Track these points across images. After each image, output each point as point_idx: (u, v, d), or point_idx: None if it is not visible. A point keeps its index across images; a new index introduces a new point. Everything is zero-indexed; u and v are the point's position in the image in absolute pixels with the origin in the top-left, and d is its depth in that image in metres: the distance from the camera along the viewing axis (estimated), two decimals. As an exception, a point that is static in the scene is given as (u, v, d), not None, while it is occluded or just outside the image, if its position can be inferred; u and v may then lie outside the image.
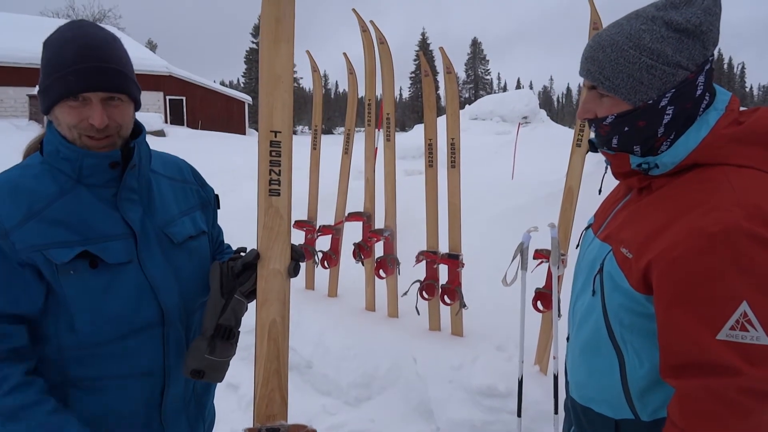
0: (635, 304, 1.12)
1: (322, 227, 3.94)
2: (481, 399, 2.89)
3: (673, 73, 1.07)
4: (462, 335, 3.38)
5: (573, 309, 1.36)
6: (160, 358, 1.36)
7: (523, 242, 2.60)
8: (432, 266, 3.33)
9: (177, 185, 1.49)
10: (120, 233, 1.30)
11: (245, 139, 20.33)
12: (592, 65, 1.14)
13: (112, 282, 1.27)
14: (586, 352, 1.27)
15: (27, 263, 1.21)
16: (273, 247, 1.33)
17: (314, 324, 3.68)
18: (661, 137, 1.13)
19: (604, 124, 1.16)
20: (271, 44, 1.32)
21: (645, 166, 1.14)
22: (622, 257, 1.14)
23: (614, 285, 1.15)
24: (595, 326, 1.22)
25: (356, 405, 3.25)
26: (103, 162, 1.28)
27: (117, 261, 1.28)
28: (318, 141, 4.11)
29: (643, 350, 1.14)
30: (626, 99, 1.11)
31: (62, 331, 1.26)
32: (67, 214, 1.25)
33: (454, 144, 3.22)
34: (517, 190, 7.60)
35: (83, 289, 1.24)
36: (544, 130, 17.15)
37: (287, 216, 1.34)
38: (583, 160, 2.93)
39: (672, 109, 1.09)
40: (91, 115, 1.23)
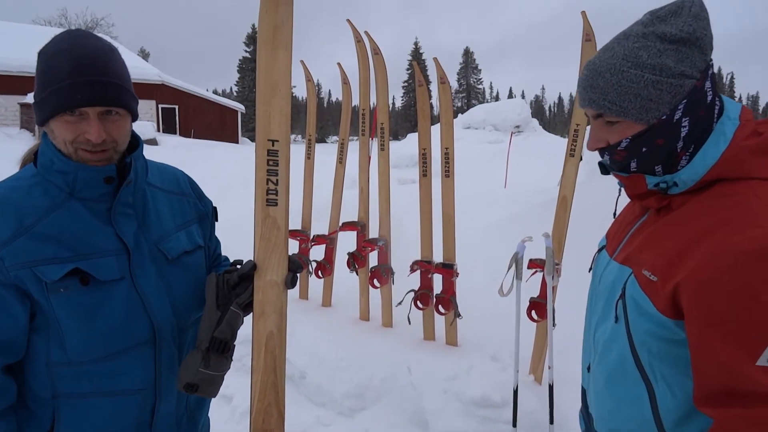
0: (664, 330, 1.06)
1: (316, 237, 3.93)
2: (475, 409, 2.88)
3: (680, 84, 1.05)
4: (456, 345, 3.37)
5: (593, 337, 1.29)
6: (152, 376, 1.34)
7: (518, 252, 2.60)
8: (426, 276, 3.33)
9: (174, 198, 1.47)
10: (113, 249, 1.27)
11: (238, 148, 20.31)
12: (594, 93, 1.10)
13: (104, 300, 1.24)
14: (611, 383, 1.20)
15: (12, 284, 1.18)
16: (270, 258, 1.31)
17: (308, 334, 3.66)
18: (681, 151, 1.08)
19: (620, 149, 1.11)
20: (269, 51, 1.30)
21: (663, 185, 1.10)
22: (645, 280, 1.08)
23: (639, 310, 1.09)
24: (619, 355, 1.16)
25: (350, 416, 3.23)
26: (97, 176, 1.26)
27: (109, 278, 1.25)
28: (312, 150, 4.11)
29: (674, 379, 1.08)
30: (638, 120, 1.07)
31: (51, 347, 1.24)
32: (59, 229, 1.22)
33: (448, 153, 3.23)
34: (511, 199, 7.63)
35: (74, 307, 1.22)
36: (537, 139, 17.27)
37: (284, 226, 1.31)
38: (577, 169, 2.94)
39: (687, 121, 1.06)
40: (87, 130, 1.22)
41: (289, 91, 1.36)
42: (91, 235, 1.25)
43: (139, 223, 1.34)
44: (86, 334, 1.23)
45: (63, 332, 1.22)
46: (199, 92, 29.65)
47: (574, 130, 2.95)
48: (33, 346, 1.25)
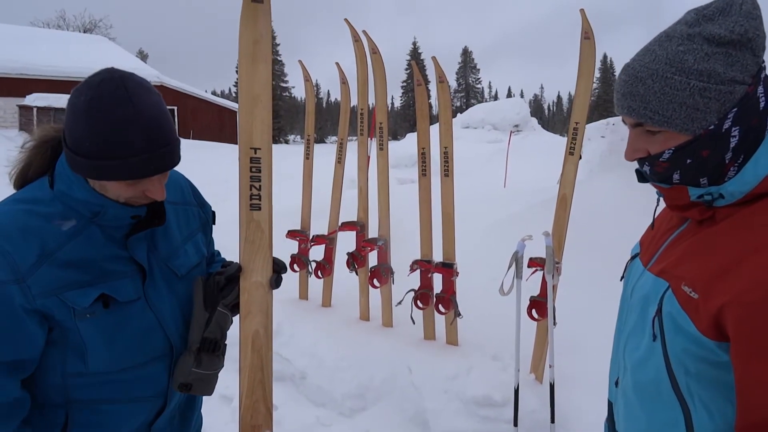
0: (704, 351, 0.98)
1: (316, 237, 3.92)
2: (476, 409, 2.87)
3: (730, 90, 0.96)
4: (457, 344, 3.36)
5: (624, 350, 1.21)
6: (165, 385, 1.40)
7: (518, 251, 2.60)
8: (426, 275, 3.32)
9: (179, 209, 1.48)
10: (128, 270, 1.30)
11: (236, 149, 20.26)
12: (633, 101, 1.01)
13: (124, 320, 1.28)
14: (644, 403, 1.13)
15: (35, 309, 1.18)
16: (255, 260, 1.38)
17: (308, 334, 3.65)
18: (729, 163, 1.00)
19: (661, 161, 1.03)
20: (249, 65, 1.38)
21: (708, 197, 1.01)
22: (684, 297, 1.00)
23: (677, 328, 1.01)
24: (655, 374, 1.08)
25: (351, 416, 3.22)
26: (126, 214, 1.26)
27: (127, 299, 1.28)
28: (311, 150, 4.10)
29: (713, 402, 1.01)
30: (683, 130, 0.99)
31: (69, 359, 1.26)
32: (80, 254, 1.23)
33: (447, 153, 3.22)
34: (510, 198, 7.63)
35: (98, 328, 1.25)
36: (536, 138, 17.27)
37: (268, 229, 1.37)
38: (576, 168, 2.94)
39: (738, 130, 0.97)
40: (150, 189, 1.22)
41: (270, 102, 1.41)
42: (109, 260, 1.27)
43: (149, 242, 1.35)
44: (107, 352, 1.28)
45: (86, 350, 1.25)
46: (197, 93, 29.67)
47: (573, 128, 2.94)
48: (48, 357, 1.26)
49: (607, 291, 1.39)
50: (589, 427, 2.65)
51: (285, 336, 3.66)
